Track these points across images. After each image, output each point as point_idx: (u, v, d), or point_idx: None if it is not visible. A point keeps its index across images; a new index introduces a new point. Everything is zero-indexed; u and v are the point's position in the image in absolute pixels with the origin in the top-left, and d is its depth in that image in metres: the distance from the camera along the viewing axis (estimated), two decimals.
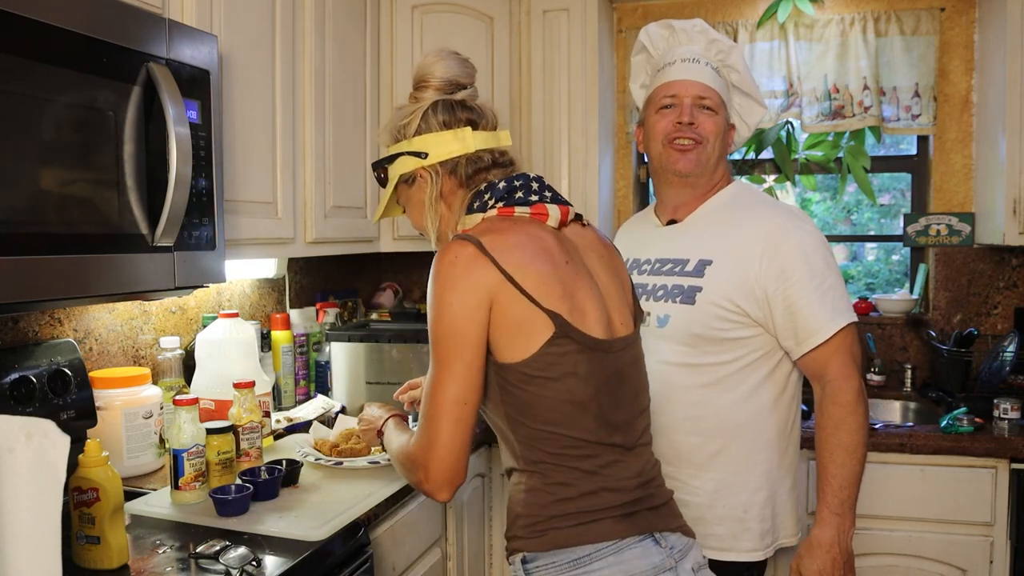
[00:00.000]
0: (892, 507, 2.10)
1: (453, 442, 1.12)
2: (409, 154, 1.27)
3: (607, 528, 1.14)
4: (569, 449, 1.15)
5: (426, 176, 1.27)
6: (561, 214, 1.23)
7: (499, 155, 1.29)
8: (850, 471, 1.47)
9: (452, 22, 2.46)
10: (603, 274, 1.25)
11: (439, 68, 1.29)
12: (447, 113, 1.27)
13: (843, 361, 1.48)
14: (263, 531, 1.36)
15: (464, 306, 1.11)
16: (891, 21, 2.70)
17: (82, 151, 1.21)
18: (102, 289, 1.26)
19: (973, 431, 2.08)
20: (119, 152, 1.28)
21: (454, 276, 1.12)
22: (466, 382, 1.12)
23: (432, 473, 1.13)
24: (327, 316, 2.50)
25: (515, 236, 1.16)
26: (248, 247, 1.76)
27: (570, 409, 1.14)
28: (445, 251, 1.14)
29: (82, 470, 1.19)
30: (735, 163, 2.96)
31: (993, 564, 2.06)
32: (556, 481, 1.16)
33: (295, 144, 1.94)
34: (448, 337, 1.12)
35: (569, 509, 1.15)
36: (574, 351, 1.13)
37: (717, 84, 1.62)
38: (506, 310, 1.11)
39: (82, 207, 1.22)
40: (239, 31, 1.70)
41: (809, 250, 1.49)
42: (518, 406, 1.15)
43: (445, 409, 1.12)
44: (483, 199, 1.23)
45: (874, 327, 2.78)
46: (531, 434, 1.16)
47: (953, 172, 2.73)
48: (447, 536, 1.91)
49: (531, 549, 1.16)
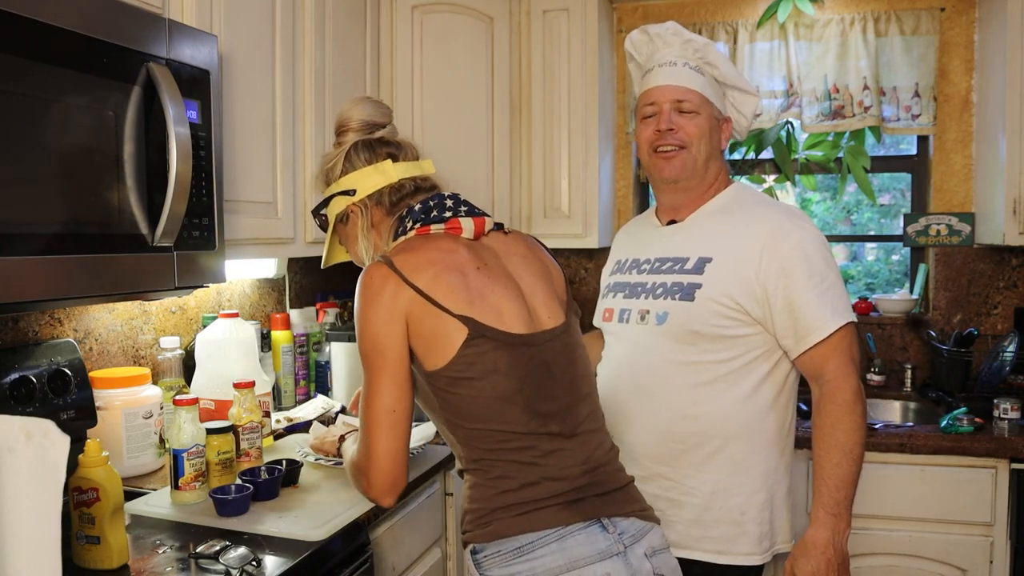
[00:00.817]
0: (892, 507, 2.10)
1: (388, 449, 1.20)
2: (340, 194, 1.37)
3: (550, 516, 1.18)
4: (504, 443, 1.20)
5: (356, 211, 1.36)
6: (476, 226, 1.31)
7: (421, 181, 1.38)
8: (846, 471, 1.47)
9: (452, 22, 2.46)
10: (526, 274, 1.32)
11: (356, 112, 1.40)
12: (368, 151, 1.37)
13: (841, 360, 1.47)
14: (263, 531, 1.36)
15: (381, 322, 1.19)
16: (891, 21, 2.70)
17: (82, 151, 1.21)
18: (102, 289, 1.26)
19: (973, 431, 2.08)
20: (119, 152, 1.28)
21: (370, 296, 1.21)
22: (392, 392, 1.20)
23: (373, 481, 1.22)
24: (327, 316, 2.50)
25: (426, 252, 1.24)
26: (248, 247, 1.76)
27: (497, 405, 1.19)
28: (364, 274, 1.23)
29: (82, 470, 1.19)
30: (735, 163, 2.96)
31: (993, 564, 2.06)
32: (496, 475, 1.20)
33: (295, 144, 1.94)
34: (372, 352, 1.21)
35: (511, 500, 1.19)
36: (491, 349, 1.19)
37: (698, 84, 1.60)
38: (421, 321, 1.19)
39: (82, 207, 1.22)
40: (239, 31, 1.70)
41: (810, 249, 1.49)
42: (451, 409, 1.21)
43: (377, 419, 1.20)
44: (404, 224, 1.32)
45: (874, 327, 2.78)
46: (468, 434, 1.22)
47: (953, 172, 2.73)
48: (447, 536, 1.91)
49: (478, 540, 1.21)
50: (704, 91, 1.60)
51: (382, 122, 1.41)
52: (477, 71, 2.55)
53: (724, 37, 2.83)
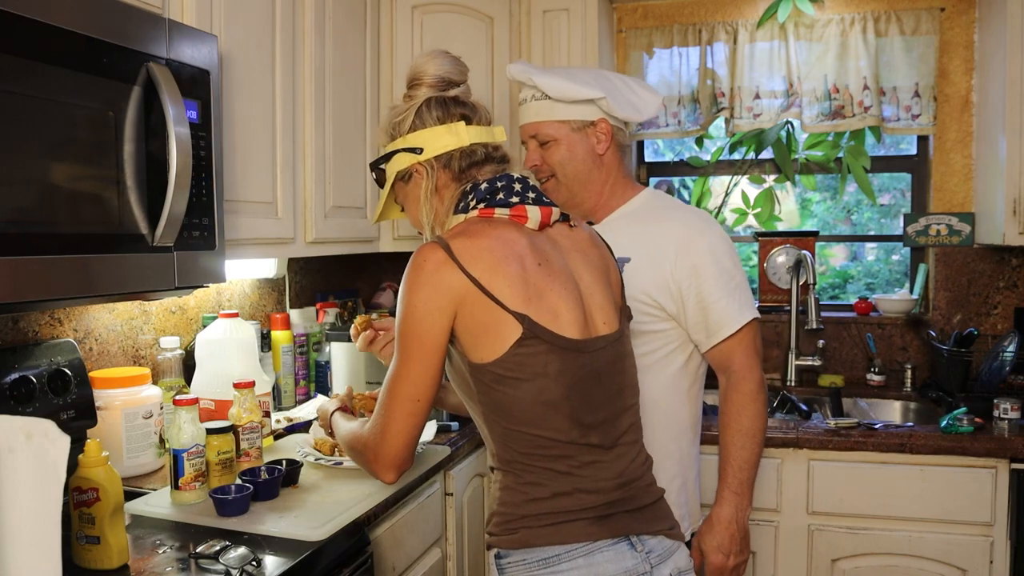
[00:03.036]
0: (892, 507, 2.10)
1: (402, 434, 1.19)
2: (405, 151, 1.29)
3: (579, 530, 1.15)
4: (541, 449, 1.17)
5: (421, 171, 1.29)
6: (542, 215, 1.24)
7: (493, 149, 1.31)
8: (750, 454, 1.60)
9: (452, 22, 2.46)
10: (587, 274, 1.26)
11: (431, 66, 1.32)
12: (440, 109, 1.29)
13: (747, 353, 1.60)
14: (263, 531, 1.35)
15: (427, 309, 1.15)
16: (891, 21, 2.70)
17: (82, 151, 1.21)
18: (102, 289, 1.26)
19: (973, 431, 2.08)
20: (119, 152, 1.28)
21: (420, 279, 1.15)
22: (422, 381, 1.17)
23: (381, 457, 1.20)
24: (327, 316, 2.50)
25: (486, 240, 1.18)
26: (248, 247, 1.76)
27: (541, 409, 1.15)
28: (417, 254, 1.17)
29: (82, 470, 1.19)
30: (735, 163, 2.96)
31: (993, 564, 2.05)
32: (529, 481, 1.17)
33: (295, 144, 1.94)
34: (410, 336, 1.17)
35: (541, 509, 1.16)
36: (543, 351, 1.14)
37: (544, 112, 1.69)
38: (473, 313, 1.14)
39: (82, 207, 1.22)
40: (239, 31, 1.70)
41: (718, 250, 1.61)
42: (491, 405, 1.18)
43: (399, 403, 1.18)
44: (467, 199, 1.25)
45: (874, 327, 2.78)
46: (505, 433, 1.18)
47: (953, 172, 2.73)
48: (447, 536, 1.91)
49: (504, 546, 1.18)
50: (553, 115, 1.68)
51: (458, 80, 1.33)
52: (477, 71, 2.54)
53: (724, 37, 2.83)
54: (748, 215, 3.02)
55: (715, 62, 2.85)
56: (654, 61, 2.92)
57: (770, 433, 2.15)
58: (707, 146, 3.04)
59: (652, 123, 2.93)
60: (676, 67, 2.89)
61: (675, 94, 2.90)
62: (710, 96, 2.86)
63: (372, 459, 1.22)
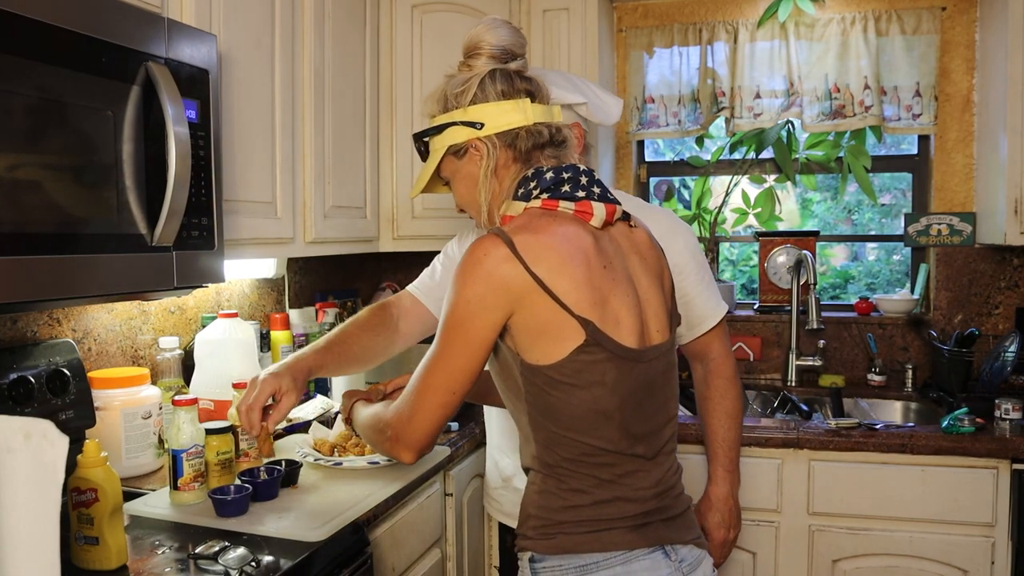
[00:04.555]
0: (893, 507, 2.09)
1: (429, 423, 1.15)
2: (463, 124, 1.21)
3: (617, 538, 1.13)
4: (588, 456, 1.13)
5: (481, 148, 1.21)
6: (606, 213, 1.17)
7: (555, 131, 1.23)
8: (735, 434, 1.72)
9: (452, 21, 2.46)
10: (644, 279, 1.20)
11: (492, 35, 1.23)
12: (506, 82, 1.21)
13: (723, 342, 1.73)
14: (262, 532, 1.35)
15: (481, 305, 1.08)
16: (892, 20, 2.69)
17: (81, 151, 1.21)
18: (101, 289, 1.26)
19: (974, 431, 2.08)
20: (118, 152, 1.28)
21: (478, 273, 1.09)
22: (461, 374, 1.12)
23: (403, 439, 1.16)
24: (326, 316, 2.50)
25: (551, 237, 1.11)
26: (247, 247, 1.76)
27: (593, 418, 1.11)
28: (478, 244, 1.10)
29: (81, 470, 1.18)
30: (736, 163, 2.96)
31: (995, 565, 2.05)
32: (571, 487, 1.14)
33: (295, 144, 1.93)
34: (457, 328, 1.11)
35: (581, 516, 1.13)
36: (603, 360, 1.10)
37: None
38: (534, 314, 1.08)
39: (80, 207, 1.22)
40: (238, 30, 1.70)
41: (694, 248, 1.69)
42: (541, 408, 1.13)
43: (433, 393, 1.13)
44: (528, 186, 1.18)
45: (875, 327, 2.78)
46: (551, 437, 1.14)
47: (954, 172, 2.73)
48: (447, 536, 1.91)
49: (539, 551, 1.15)
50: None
51: (518, 52, 1.25)
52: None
53: (725, 36, 2.83)
54: (748, 215, 3.02)
55: (715, 61, 2.85)
56: (654, 61, 2.92)
57: (770, 433, 2.15)
58: (707, 146, 3.04)
59: (652, 122, 2.92)
60: (676, 67, 2.89)
61: (675, 94, 2.89)
62: (710, 96, 2.85)
63: (393, 438, 1.17)
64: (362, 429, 1.33)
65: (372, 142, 2.34)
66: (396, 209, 2.43)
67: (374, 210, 2.38)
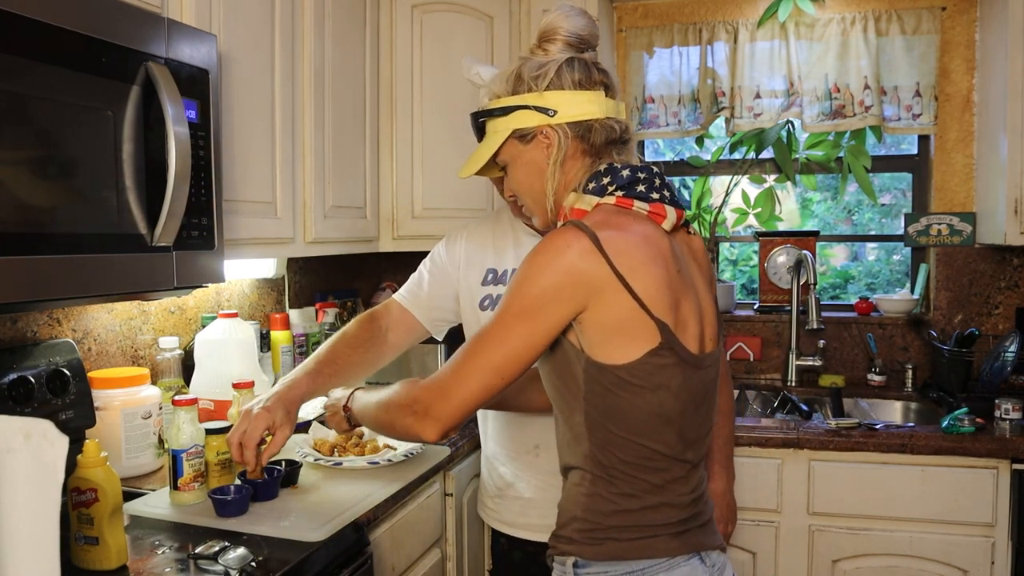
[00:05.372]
0: (893, 507, 2.09)
1: (468, 402, 1.09)
2: (535, 108, 1.16)
3: (662, 544, 1.12)
4: (644, 460, 1.12)
5: (551, 136, 1.17)
6: (676, 218, 1.16)
7: (624, 129, 1.21)
8: (729, 431, 1.72)
9: (452, 21, 2.46)
10: (701, 286, 1.20)
11: (569, 23, 1.20)
12: (583, 72, 1.18)
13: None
14: (262, 532, 1.35)
15: (555, 296, 1.06)
16: (892, 20, 2.69)
17: (81, 151, 1.21)
18: (101, 289, 1.26)
19: (974, 431, 2.08)
20: (118, 152, 1.28)
21: (557, 263, 1.06)
22: (516, 362, 1.08)
23: (432, 412, 1.09)
24: (326, 316, 2.50)
25: (633, 236, 1.09)
26: (247, 247, 1.76)
27: (655, 422, 1.10)
28: (556, 235, 1.08)
29: (81, 470, 1.18)
30: (736, 163, 2.96)
31: (995, 565, 2.05)
32: (622, 491, 1.12)
33: (294, 143, 1.93)
34: (523, 315, 1.07)
35: (628, 521, 1.12)
36: (672, 364, 1.09)
37: None
38: (611, 311, 1.06)
39: (81, 207, 1.22)
40: (238, 30, 1.70)
41: None
42: (602, 408, 1.10)
43: (482, 370, 1.08)
44: (600, 182, 1.15)
45: (875, 327, 2.78)
46: (609, 438, 1.11)
47: (954, 172, 2.73)
48: (447, 536, 1.91)
49: (586, 556, 1.13)
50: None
51: (593, 44, 1.22)
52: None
53: (724, 36, 2.83)
54: (748, 215, 3.02)
55: (715, 61, 2.85)
56: (654, 60, 2.92)
57: (770, 433, 2.15)
58: (707, 146, 3.04)
59: (652, 122, 2.92)
60: (676, 66, 2.89)
61: (675, 94, 2.89)
62: (710, 96, 2.85)
63: (422, 412, 1.10)
64: (373, 408, 1.26)
65: (372, 142, 2.34)
66: (396, 209, 2.43)
67: (374, 210, 2.38)
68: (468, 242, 1.71)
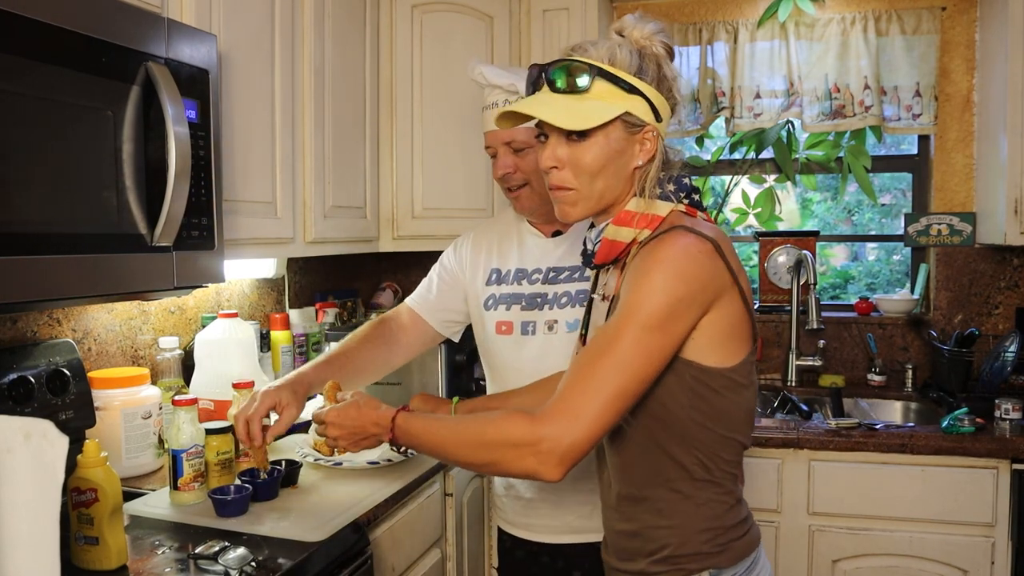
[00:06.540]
0: (893, 507, 2.09)
1: (598, 433, 1.00)
2: (649, 103, 1.10)
3: (755, 533, 1.18)
4: (737, 455, 1.15)
5: (652, 137, 1.11)
6: None
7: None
8: None
9: (452, 21, 2.46)
10: None
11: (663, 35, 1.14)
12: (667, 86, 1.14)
13: None
14: (262, 532, 1.35)
15: (690, 304, 1.01)
16: (892, 20, 2.69)
17: (81, 151, 1.21)
18: (101, 289, 1.26)
19: (974, 431, 2.08)
20: (118, 152, 1.28)
21: (691, 270, 1.01)
22: (643, 376, 1.01)
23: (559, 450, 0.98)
24: (326, 316, 2.50)
25: (726, 241, 1.09)
26: (247, 247, 1.76)
27: (747, 417, 1.14)
28: (678, 239, 1.03)
29: (81, 470, 1.18)
30: (736, 163, 2.96)
31: (995, 565, 2.05)
32: (727, 489, 1.14)
33: (294, 143, 1.93)
34: (658, 329, 1.00)
35: (737, 518, 1.15)
36: (753, 360, 1.13)
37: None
38: (727, 314, 1.05)
39: (81, 207, 1.22)
40: (238, 30, 1.70)
41: None
42: (711, 412, 1.08)
43: (617, 398, 0.99)
44: (664, 188, 1.11)
45: (875, 327, 2.78)
46: (716, 440, 1.10)
47: (954, 172, 2.73)
48: (447, 536, 1.91)
49: (724, 564, 1.11)
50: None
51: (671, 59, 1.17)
52: None
53: (724, 36, 2.83)
54: (748, 215, 3.02)
55: (715, 61, 2.85)
56: None
57: (770, 433, 2.15)
58: (707, 146, 3.04)
59: None
60: (676, 66, 2.88)
61: None
62: (710, 95, 2.85)
63: (547, 451, 0.98)
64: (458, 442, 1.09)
65: (372, 142, 2.34)
66: (396, 209, 2.43)
67: (374, 210, 2.38)
68: (474, 243, 1.73)
